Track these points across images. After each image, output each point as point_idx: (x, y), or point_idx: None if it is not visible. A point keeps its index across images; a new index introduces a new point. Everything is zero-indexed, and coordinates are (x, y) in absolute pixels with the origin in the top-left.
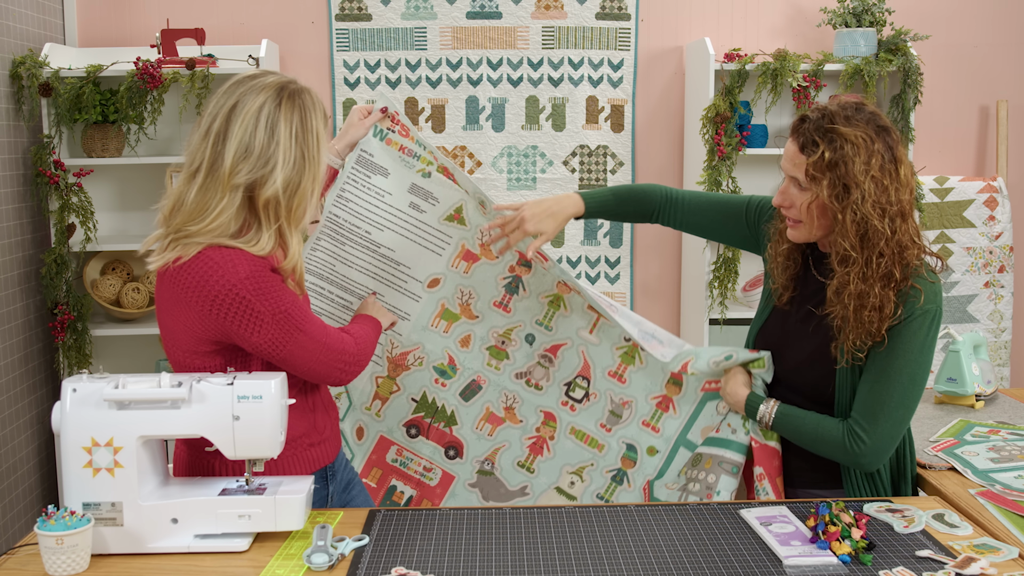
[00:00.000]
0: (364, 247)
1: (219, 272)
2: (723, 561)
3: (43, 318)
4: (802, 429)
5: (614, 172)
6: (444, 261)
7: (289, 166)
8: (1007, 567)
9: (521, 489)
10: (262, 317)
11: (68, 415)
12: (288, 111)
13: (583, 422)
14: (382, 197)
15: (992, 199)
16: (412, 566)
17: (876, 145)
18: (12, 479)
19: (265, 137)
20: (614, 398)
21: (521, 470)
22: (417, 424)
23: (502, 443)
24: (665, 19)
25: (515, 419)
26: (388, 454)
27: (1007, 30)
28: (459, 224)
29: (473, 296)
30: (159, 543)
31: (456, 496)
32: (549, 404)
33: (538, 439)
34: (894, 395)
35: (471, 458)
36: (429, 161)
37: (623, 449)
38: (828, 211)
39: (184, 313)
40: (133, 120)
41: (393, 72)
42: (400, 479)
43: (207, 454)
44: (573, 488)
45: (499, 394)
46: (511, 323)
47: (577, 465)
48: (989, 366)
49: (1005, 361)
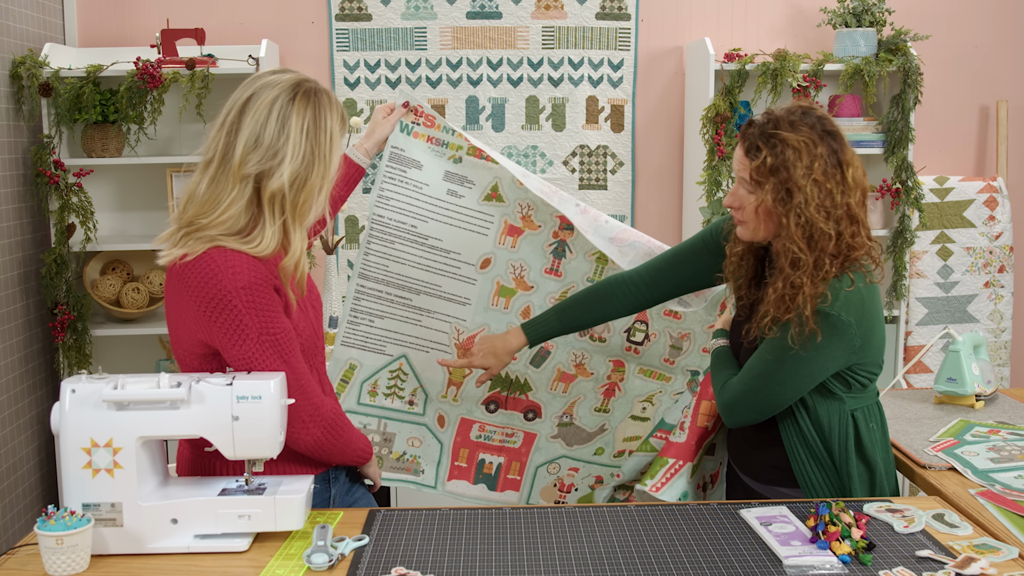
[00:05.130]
0: (412, 241)
1: (218, 276)
2: (723, 561)
3: (43, 318)
4: (713, 369)
5: (614, 172)
6: (491, 240)
7: (297, 160)
8: (1007, 567)
9: (600, 428)
10: (247, 332)
11: (67, 416)
12: (301, 106)
13: (648, 361)
14: (420, 189)
15: (992, 199)
16: (412, 566)
17: (819, 149)
18: (12, 479)
19: (276, 129)
20: (673, 334)
21: (598, 414)
22: (495, 400)
23: (577, 396)
24: (665, 19)
25: (586, 373)
26: (471, 432)
27: (1007, 30)
28: (498, 202)
29: (524, 268)
30: (159, 543)
31: (540, 449)
32: (615, 352)
33: (610, 385)
34: (760, 374)
35: (550, 415)
36: (458, 146)
37: (688, 376)
38: (773, 215)
39: (184, 312)
40: (133, 120)
41: (393, 72)
42: (487, 452)
43: (210, 453)
44: (646, 412)
45: (567, 354)
46: (564, 286)
47: (647, 395)
48: (989, 366)
49: (1005, 361)
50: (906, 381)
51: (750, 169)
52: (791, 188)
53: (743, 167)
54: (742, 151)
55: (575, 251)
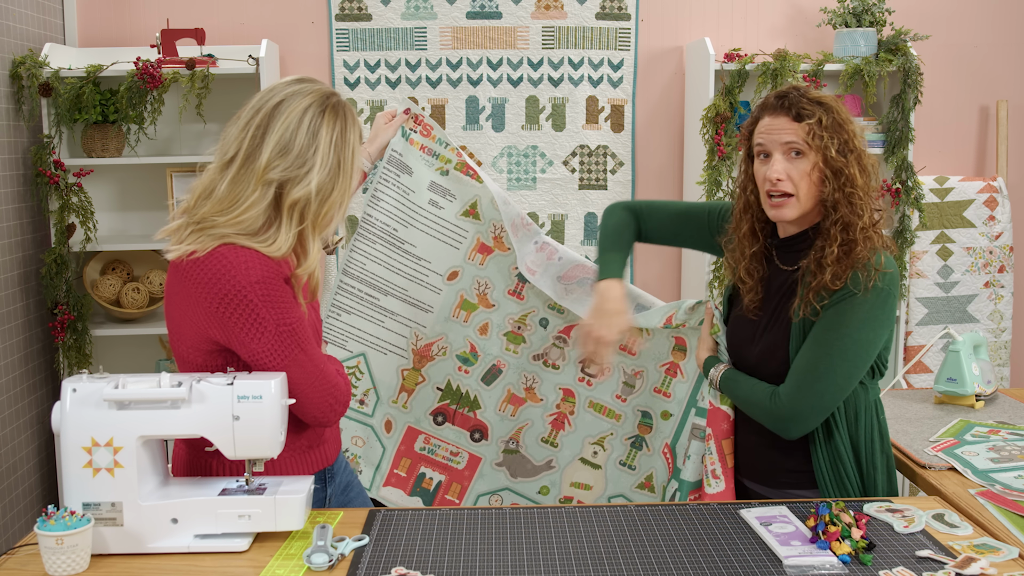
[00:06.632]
0: (390, 244)
1: (231, 272)
2: (723, 561)
3: (43, 318)
4: (737, 391)
5: (614, 172)
6: (461, 254)
7: (325, 171)
8: (1007, 567)
9: (547, 463)
10: (265, 325)
11: (68, 415)
12: (331, 119)
13: (600, 395)
14: (407, 195)
15: (992, 199)
16: (412, 566)
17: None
18: (12, 479)
19: (306, 139)
20: (627, 370)
21: (545, 445)
22: (443, 412)
23: (525, 422)
24: (665, 19)
25: (535, 398)
26: (416, 443)
27: (1007, 30)
28: (475, 219)
29: (489, 286)
30: (159, 543)
31: (484, 476)
32: (567, 381)
33: (559, 415)
34: (821, 364)
35: (496, 439)
36: (448, 159)
37: (639, 417)
38: (823, 175)
39: (192, 309)
40: (133, 120)
41: (393, 72)
42: (428, 466)
43: (206, 454)
44: (596, 457)
45: (519, 376)
46: (525, 309)
47: (598, 436)
48: (989, 366)
49: (1005, 361)
50: (906, 381)
51: (804, 131)
52: (847, 140)
53: (790, 132)
54: (788, 119)
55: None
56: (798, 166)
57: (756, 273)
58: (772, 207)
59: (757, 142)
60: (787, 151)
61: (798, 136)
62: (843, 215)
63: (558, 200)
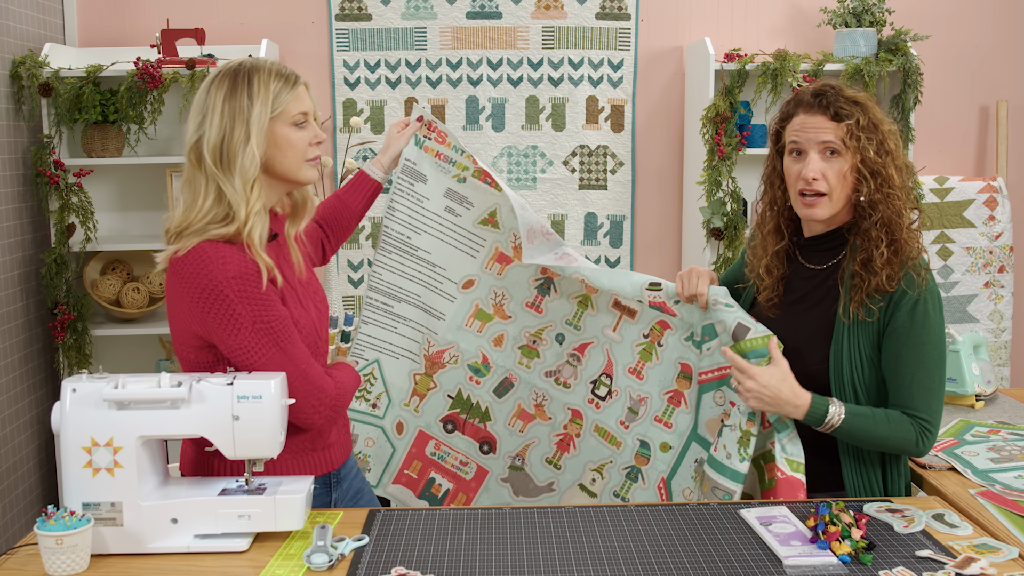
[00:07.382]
0: (404, 252)
1: (208, 267)
2: (723, 561)
3: (43, 318)
4: (874, 431)
5: (614, 172)
6: (478, 263)
7: (217, 117)
8: (1007, 567)
9: (548, 485)
10: (241, 321)
11: (68, 415)
12: (224, 77)
13: (606, 419)
14: (421, 203)
15: (992, 199)
16: (412, 566)
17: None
18: (12, 479)
19: (201, 98)
20: (632, 395)
21: (549, 466)
22: (453, 420)
23: (532, 439)
24: (665, 19)
25: (544, 416)
26: (427, 448)
27: (1007, 30)
28: (493, 228)
29: (506, 297)
30: (159, 543)
31: (489, 490)
32: (576, 402)
33: (565, 436)
34: (935, 378)
35: (503, 453)
36: (465, 167)
37: (637, 446)
38: (859, 176)
39: (179, 305)
40: (133, 120)
41: (393, 72)
42: (439, 472)
43: (210, 451)
44: (594, 485)
45: (530, 392)
46: (542, 323)
47: (599, 462)
48: (989, 366)
49: (1005, 361)
50: None
51: (843, 131)
52: (883, 140)
53: (828, 132)
54: (826, 117)
55: (560, 291)
56: (833, 166)
57: (776, 271)
58: (805, 206)
59: (791, 139)
60: (823, 150)
61: (836, 136)
62: (883, 215)
63: (558, 200)
